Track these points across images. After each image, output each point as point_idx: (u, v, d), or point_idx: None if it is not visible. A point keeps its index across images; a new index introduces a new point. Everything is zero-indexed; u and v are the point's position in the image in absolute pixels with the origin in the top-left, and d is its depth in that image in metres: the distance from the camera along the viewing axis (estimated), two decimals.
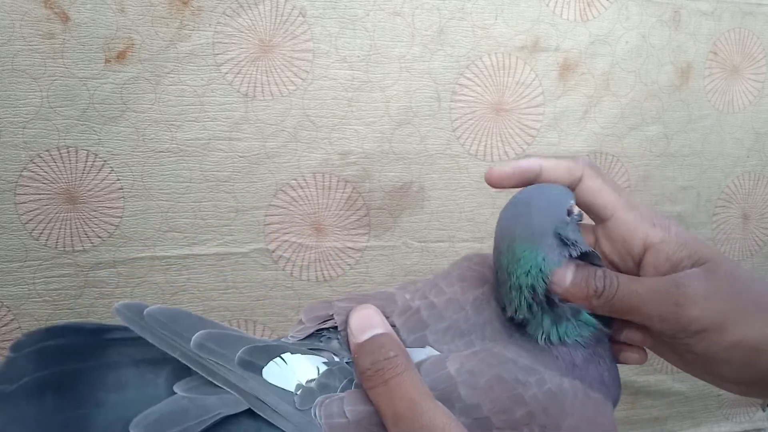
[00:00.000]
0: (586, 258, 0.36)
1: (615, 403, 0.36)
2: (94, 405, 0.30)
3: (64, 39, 0.51)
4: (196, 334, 0.32)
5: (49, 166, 0.53)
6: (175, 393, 0.31)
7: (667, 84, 0.67)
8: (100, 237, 0.55)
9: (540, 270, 0.34)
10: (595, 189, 0.38)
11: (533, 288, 0.34)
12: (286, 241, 0.60)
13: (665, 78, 0.66)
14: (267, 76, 0.56)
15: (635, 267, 0.38)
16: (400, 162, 0.61)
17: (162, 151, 0.55)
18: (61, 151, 0.53)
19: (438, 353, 0.35)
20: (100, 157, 0.54)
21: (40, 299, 0.55)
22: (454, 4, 0.59)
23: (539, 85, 0.63)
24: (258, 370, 0.33)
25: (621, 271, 0.38)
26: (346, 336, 0.34)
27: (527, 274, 0.34)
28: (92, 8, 0.51)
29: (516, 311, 0.35)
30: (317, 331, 0.36)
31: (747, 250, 0.74)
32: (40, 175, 0.53)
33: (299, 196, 0.59)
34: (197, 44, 0.54)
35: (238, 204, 0.58)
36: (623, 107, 0.66)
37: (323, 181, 0.60)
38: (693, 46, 0.67)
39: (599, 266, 0.36)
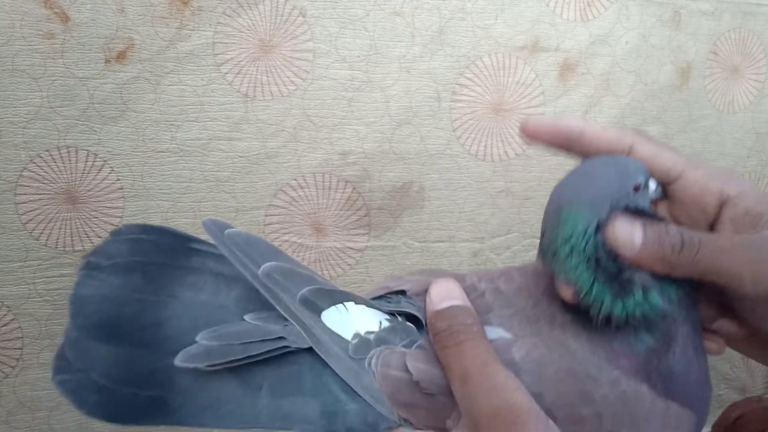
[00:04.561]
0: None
1: (701, 422, 0.32)
2: (170, 295, 0.33)
3: (64, 39, 0.51)
4: (265, 264, 0.33)
5: (49, 166, 0.53)
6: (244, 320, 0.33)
7: (668, 84, 0.67)
8: (100, 237, 0.55)
9: (587, 231, 0.30)
10: (652, 154, 0.33)
11: (583, 254, 0.30)
12: (286, 241, 0.60)
13: (665, 78, 0.66)
14: (267, 76, 0.56)
15: (709, 229, 0.33)
16: (400, 162, 0.61)
17: (162, 151, 0.55)
18: (61, 151, 0.53)
19: (508, 335, 0.33)
20: (100, 157, 0.54)
21: (40, 299, 0.55)
22: (454, 4, 0.59)
23: (539, 85, 0.63)
24: (318, 311, 0.33)
25: None
26: (425, 304, 0.34)
27: (570, 239, 0.30)
28: (92, 8, 0.51)
29: (582, 291, 0.31)
30: (385, 294, 0.36)
31: None
32: (40, 175, 0.53)
33: (299, 196, 0.59)
34: (197, 44, 0.54)
35: (238, 204, 0.58)
36: (623, 107, 0.66)
37: (323, 181, 0.60)
38: (693, 46, 0.67)
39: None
